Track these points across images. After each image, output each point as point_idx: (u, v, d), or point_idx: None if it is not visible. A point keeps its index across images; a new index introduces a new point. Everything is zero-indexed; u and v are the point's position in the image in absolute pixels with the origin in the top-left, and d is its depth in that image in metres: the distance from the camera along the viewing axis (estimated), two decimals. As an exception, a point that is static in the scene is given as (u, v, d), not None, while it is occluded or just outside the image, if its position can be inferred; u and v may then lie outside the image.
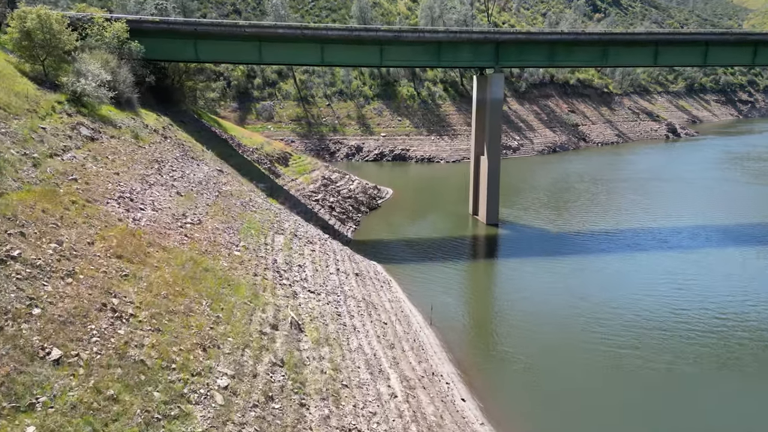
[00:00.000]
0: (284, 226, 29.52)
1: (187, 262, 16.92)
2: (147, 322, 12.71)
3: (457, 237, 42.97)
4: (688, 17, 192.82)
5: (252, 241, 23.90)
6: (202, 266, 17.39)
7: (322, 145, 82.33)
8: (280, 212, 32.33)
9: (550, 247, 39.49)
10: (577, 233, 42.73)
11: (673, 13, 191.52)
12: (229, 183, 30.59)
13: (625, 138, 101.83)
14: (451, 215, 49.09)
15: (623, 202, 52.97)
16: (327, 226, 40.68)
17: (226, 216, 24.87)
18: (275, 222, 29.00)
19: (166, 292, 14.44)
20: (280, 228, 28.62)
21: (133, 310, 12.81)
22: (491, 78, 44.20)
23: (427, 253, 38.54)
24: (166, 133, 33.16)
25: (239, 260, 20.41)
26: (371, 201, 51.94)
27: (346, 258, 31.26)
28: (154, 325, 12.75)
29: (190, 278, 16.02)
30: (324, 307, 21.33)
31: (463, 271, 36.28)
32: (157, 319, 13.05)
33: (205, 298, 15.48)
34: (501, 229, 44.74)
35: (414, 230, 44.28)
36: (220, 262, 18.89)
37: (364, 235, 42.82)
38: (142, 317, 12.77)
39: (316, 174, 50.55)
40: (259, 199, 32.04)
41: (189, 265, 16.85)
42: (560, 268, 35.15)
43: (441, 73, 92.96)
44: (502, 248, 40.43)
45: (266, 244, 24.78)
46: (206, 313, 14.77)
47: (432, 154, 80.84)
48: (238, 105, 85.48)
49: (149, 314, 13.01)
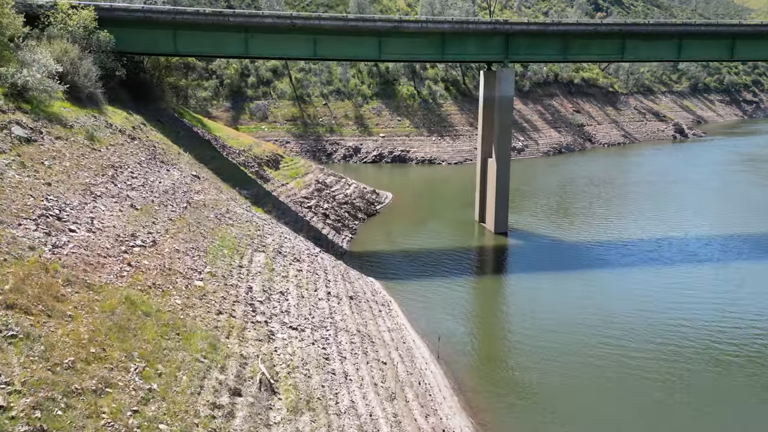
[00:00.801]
0: (267, 241, 25.11)
1: (119, 305, 12.50)
2: (24, 418, 8.31)
3: (463, 248, 38.57)
4: (690, 16, 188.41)
5: (222, 264, 19.50)
6: (142, 309, 12.96)
7: (318, 146, 77.92)
8: (265, 224, 27.93)
9: (566, 261, 35.09)
10: (594, 244, 38.31)
11: (675, 12, 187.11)
12: (204, 191, 26.18)
13: (632, 139, 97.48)
14: (456, 223, 44.69)
15: (641, 207, 48.55)
16: (320, 236, 36.26)
17: (193, 233, 20.46)
18: (256, 237, 24.60)
19: (74, 358, 10.03)
20: (262, 244, 24.21)
21: (4, 399, 8.40)
22: (500, 73, 39.80)
23: (431, 267, 34.15)
24: (136, 133, 28.75)
25: (200, 293, 15.99)
26: (369, 207, 47.55)
27: (339, 276, 26.86)
28: (35, 422, 8.34)
29: (118, 330, 11.60)
30: (308, 350, 16.92)
31: (471, 288, 31.88)
32: (45, 409, 8.64)
33: (135, 361, 11.07)
34: (511, 238, 40.35)
35: (416, 240, 39.87)
36: (170, 300, 14.47)
37: (361, 246, 38.43)
38: (16, 410, 8.37)
39: (309, 178, 46.14)
40: (240, 209, 27.63)
41: (122, 309, 12.43)
42: (581, 286, 30.75)
43: (442, 72, 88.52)
44: (514, 261, 36.01)
45: (241, 267, 20.37)
46: (133, 385, 10.36)
47: (433, 155, 76.43)
48: (230, 104, 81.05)
49: (31, 402, 8.60)
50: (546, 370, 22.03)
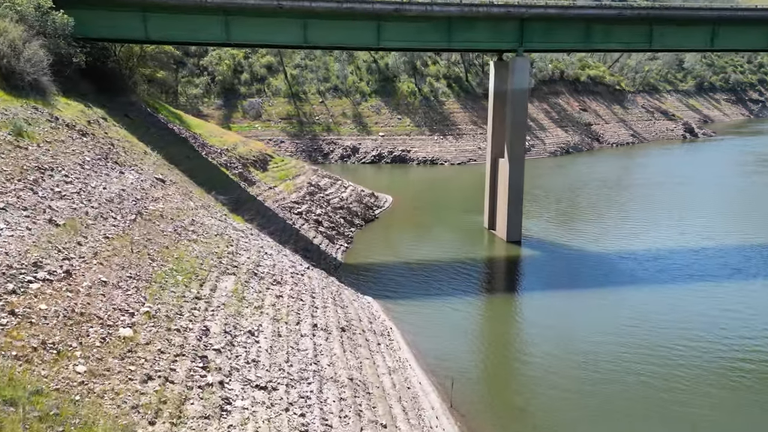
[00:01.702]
0: (241, 259, 20.27)
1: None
2: None
3: (473, 259, 33.72)
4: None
5: (171, 297, 14.67)
6: (5, 394, 8.13)
7: (314, 146, 73.07)
8: (241, 236, 23.08)
9: (591, 275, 30.26)
10: (621, 255, 33.45)
11: None
12: (166, 198, 21.33)
13: (641, 138, 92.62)
14: (463, 230, 39.84)
15: (667, 212, 43.64)
16: (310, 247, 31.42)
17: (137, 254, 15.62)
18: (226, 254, 19.76)
19: None
20: (233, 263, 19.37)
21: None
22: (514, 63, 34.95)
23: (437, 283, 29.31)
24: (91, 129, 23.89)
25: (122, 350, 11.15)
26: (367, 212, 42.71)
27: (330, 300, 22.02)
28: None
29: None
30: (279, 421, 12.10)
31: (485, 310, 27.03)
32: None
33: None
34: (525, 248, 35.52)
35: (419, 250, 35.03)
36: (67, 369, 9.63)
37: (357, 257, 33.61)
38: None
39: (301, 180, 41.28)
40: (212, 218, 22.77)
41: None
42: (613, 307, 25.91)
43: (444, 68, 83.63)
44: (531, 276, 31.15)
45: (198, 300, 15.54)
46: None
47: (435, 155, 71.58)
48: (222, 102, 76.12)
49: None
50: (584, 419, 17.22)
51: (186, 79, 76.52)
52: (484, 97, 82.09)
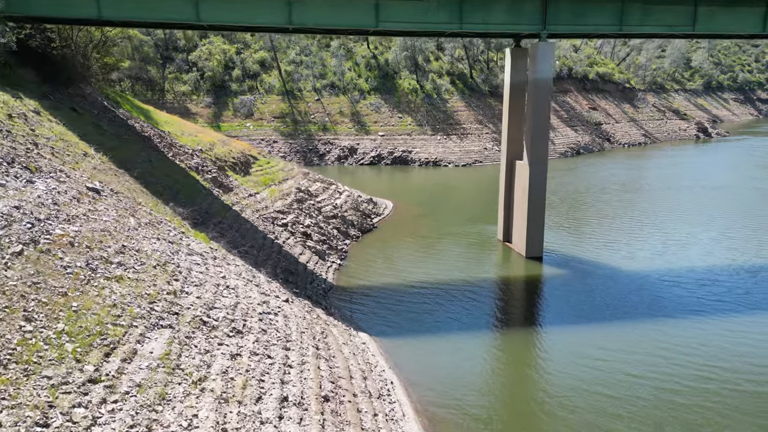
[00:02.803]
0: (186, 300, 14.58)
1: None
2: None
3: (488, 281, 28.06)
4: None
5: (41, 385, 9.00)
6: None
7: (309, 147, 67.43)
8: (196, 264, 17.39)
9: (628, 304, 24.54)
10: (661, 277, 27.73)
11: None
12: (91, 215, 15.63)
13: (652, 138, 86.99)
14: (474, 243, 34.15)
15: (703, 221, 37.90)
16: (294, 268, 25.71)
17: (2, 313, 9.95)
18: (165, 296, 14.07)
19: None
20: (172, 309, 13.69)
21: None
22: (536, 50, 29.25)
23: (446, 313, 23.63)
24: (9, 125, 18.27)
25: None
26: (364, 220, 37.03)
27: (310, 350, 16.35)
28: None
29: None
30: None
31: (507, 350, 21.21)
32: None
33: None
34: (547, 265, 29.85)
35: (423, 268, 29.34)
36: None
37: (352, 277, 27.94)
38: None
39: (288, 185, 35.59)
40: (157, 241, 17.05)
41: None
42: (660, 349, 20.23)
43: (447, 64, 77.95)
44: (558, 303, 25.37)
45: (93, 384, 9.84)
46: None
47: (438, 156, 65.88)
48: (212, 100, 70.48)
49: None
50: None
51: (173, 75, 70.86)
52: (490, 95, 76.48)
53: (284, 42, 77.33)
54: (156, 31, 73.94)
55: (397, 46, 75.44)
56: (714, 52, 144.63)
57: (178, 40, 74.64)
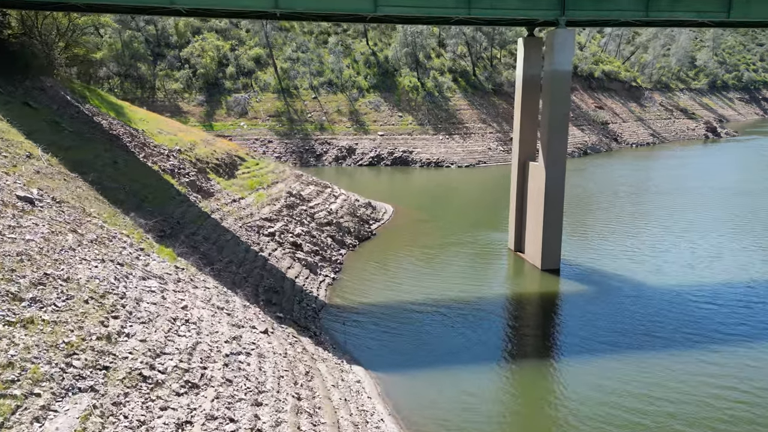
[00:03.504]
0: (124, 347, 11.10)
1: None
2: None
3: (500, 298, 24.59)
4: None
5: None
6: None
7: (306, 147, 63.94)
8: (149, 291, 13.94)
9: (662, 327, 21.08)
10: (696, 295, 24.24)
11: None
12: (4, 233, 12.17)
13: (661, 138, 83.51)
14: (482, 252, 30.67)
15: (736, 228, 34.44)
16: (280, 287, 22.23)
17: None
18: (93, 342, 10.61)
19: None
20: (102, 360, 10.24)
21: None
22: (554, 38, 25.77)
23: (456, 340, 20.16)
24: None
25: None
26: (362, 227, 33.58)
27: (289, 399, 12.91)
28: None
29: None
30: None
31: (530, 393, 17.72)
32: None
33: None
34: (565, 279, 26.39)
35: (427, 282, 25.84)
36: None
37: (346, 293, 24.48)
38: None
39: (279, 189, 32.11)
40: (101, 263, 13.59)
41: None
42: (703, 385, 16.77)
43: (449, 61, 74.47)
44: (583, 327, 21.79)
45: None
46: None
47: (440, 157, 62.39)
48: (205, 98, 66.98)
49: None
50: None
51: (164, 72, 67.36)
52: (494, 93, 73.02)
53: (280, 38, 73.86)
54: (147, 26, 70.54)
55: (398, 42, 71.99)
56: (718, 51, 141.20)
57: (170, 36, 71.16)
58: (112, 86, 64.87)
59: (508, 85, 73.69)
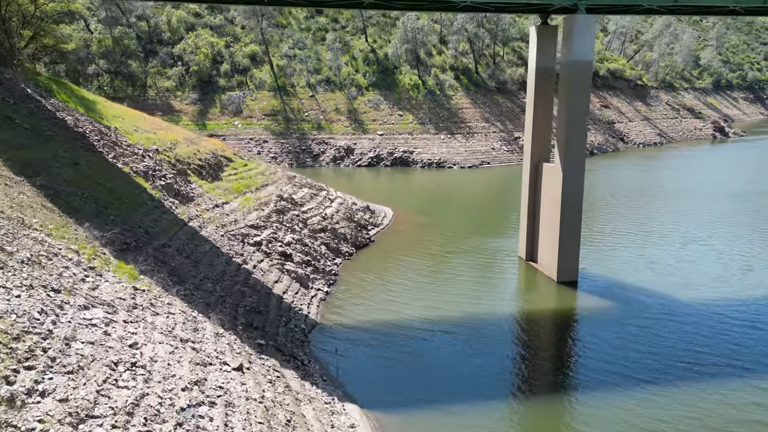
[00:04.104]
0: (33, 412, 8.28)
1: None
2: None
3: (511, 317, 21.69)
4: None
5: None
6: None
7: (302, 147, 61.02)
8: (95, 322, 11.08)
9: (702, 350, 18.32)
10: (737, 314, 21.43)
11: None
12: None
13: (668, 138, 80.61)
14: (490, 262, 27.77)
15: (761, 235, 31.58)
16: (263, 305, 19.34)
17: None
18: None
19: None
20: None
21: None
22: (573, 25, 22.87)
23: (464, 370, 17.31)
24: None
25: None
26: (359, 233, 30.72)
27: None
28: None
29: None
30: None
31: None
32: None
33: None
34: (584, 293, 23.54)
35: (430, 297, 22.95)
36: None
37: (340, 311, 21.58)
38: None
39: (268, 192, 29.23)
40: (20, 294, 10.76)
41: None
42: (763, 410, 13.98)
43: (451, 59, 71.58)
44: (608, 353, 18.93)
45: None
46: None
47: (442, 157, 59.50)
48: (198, 96, 64.04)
49: None
50: None
51: (156, 69, 64.41)
52: (498, 91, 70.17)
53: (277, 35, 70.97)
54: (139, 22, 67.67)
55: (398, 38, 69.10)
56: (722, 50, 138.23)
57: (162, 32, 68.24)
58: (102, 84, 61.96)
59: (511, 83, 70.81)
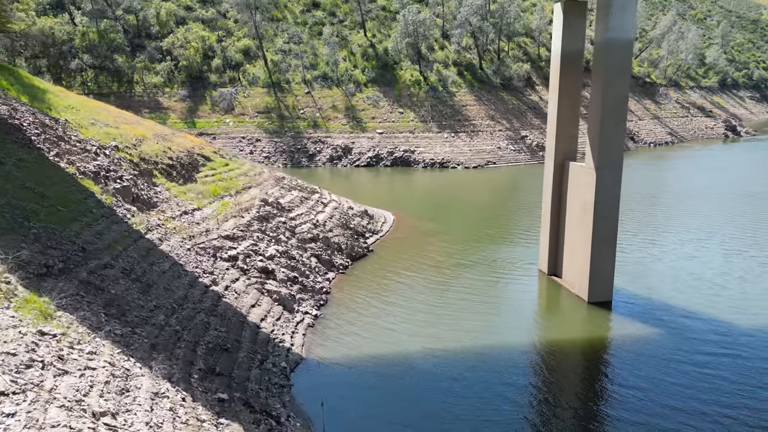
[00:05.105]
0: None
1: None
2: None
3: (533, 349, 17.64)
4: (711, 8, 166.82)
5: None
6: None
7: (297, 146, 56.99)
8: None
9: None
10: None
11: (694, 3, 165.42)
12: None
13: (679, 137, 76.63)
14: (505, 276, 23.70)
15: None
16: (233, 341, 15.27)
17: None
18: None
19: None
20: None
21: None
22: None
23: (479, 421, 13.33)
24: None
25: None
26: (356, 242, 26.67)
27: None
28: None
29: None
30: None
31: None
32: None
33: None
34: (620, 317, 19.52)
35: (437, 323, 18.91)
36: None
37: (330, 341, 17.53)
38: None
39: (251, 195, 25.16)
40: None
41: None
42: None
43: (454, 54, 67.54)
44: (656, 397, 14.83)
45: None
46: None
47: (445, 156, 55.46)
48: (188, 92, 60.00)
49: None
50: None
51: (143, 64, 60.35)
52: (503, 88, 66.13)
53: (271, 29, 66.92)
54: (126, 15, 63.59)
55: (398, 32, 65.05)
56: (727, 49, 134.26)
57: (151, 26, 64.17)
58: (85, 80, 57.99)
59: (517, 79, 66.79)
